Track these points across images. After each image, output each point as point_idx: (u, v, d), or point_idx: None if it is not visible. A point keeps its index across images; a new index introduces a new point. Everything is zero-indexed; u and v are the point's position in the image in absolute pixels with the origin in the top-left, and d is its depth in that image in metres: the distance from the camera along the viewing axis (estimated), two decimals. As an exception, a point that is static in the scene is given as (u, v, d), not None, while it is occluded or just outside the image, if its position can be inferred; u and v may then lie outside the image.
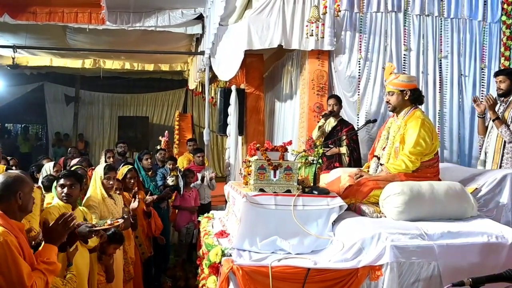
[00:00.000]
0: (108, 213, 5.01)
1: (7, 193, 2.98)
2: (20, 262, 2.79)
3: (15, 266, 2.77)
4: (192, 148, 10.33)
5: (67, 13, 11.26)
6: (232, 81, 10.19)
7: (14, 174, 3.16)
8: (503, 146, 5.61)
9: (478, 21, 7.75)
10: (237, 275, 3.52)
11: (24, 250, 2.90)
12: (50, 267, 3.00)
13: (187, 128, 16.21)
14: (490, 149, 5.80)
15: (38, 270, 2.92)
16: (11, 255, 2.76)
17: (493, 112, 5.69)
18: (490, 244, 3.84)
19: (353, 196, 4.51)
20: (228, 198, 5.07)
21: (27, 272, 2.81)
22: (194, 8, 11.02)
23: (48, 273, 2.96)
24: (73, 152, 10.11)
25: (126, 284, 5.46)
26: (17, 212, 3.03)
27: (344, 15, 7.42)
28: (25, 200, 3.04)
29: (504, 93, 5.80)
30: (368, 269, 3.65)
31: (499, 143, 5.66)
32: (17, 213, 3.03)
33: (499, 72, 6.06)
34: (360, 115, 7.54)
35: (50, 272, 2.99)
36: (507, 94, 5.78)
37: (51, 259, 3.03)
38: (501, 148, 5.63)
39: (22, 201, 3.02)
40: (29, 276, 2.82)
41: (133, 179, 6.31)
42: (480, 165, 6.00)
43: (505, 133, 5.52)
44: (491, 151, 5.76)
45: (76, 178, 4.34)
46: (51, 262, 3.02)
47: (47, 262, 2.99)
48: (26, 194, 3.06)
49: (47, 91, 20.36)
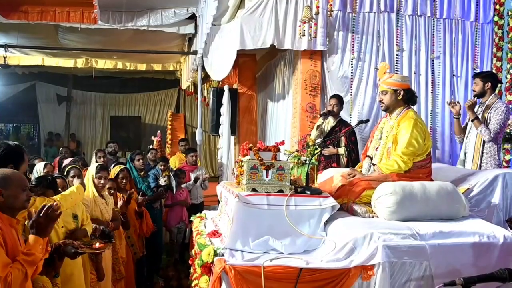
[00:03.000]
0: (99, 213, 5.01)
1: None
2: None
3: None
4: (184, 148, 10.30)
5: (59, 12, 11.23)
6: (225, 81, 10.18)
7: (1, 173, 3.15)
8: (482, 145, 5.74)
9: (470, 22, 7.79)
10: (229, 275, 3.51)
11: (7, 242, 2.89)
12: (29, 258, 2.97)
13: (180, 128, 16.19)
14: (469, 149, 5.92)
15: (17, 261, 2.91)
16: None
17: (472, 113, 5.80)
18: (481, 244, 3.85)
19: (345, 196, 4.51)
20: (221, 198, 5.06)
21: (2, 263, 2.80)
22: (186, 8, 11.00)
23: (27, 264, 2.94)
24: (65, 152, 10.08)
25: (117, 284, 5.45)
26: (4, 208, 3.03)
27: (337, 15, 7.43)
28: (8, 198, 3.04)
29: (477, 94, 5.96)
30: (360, 269, 3.65)
31: (479, 143, 5.79)
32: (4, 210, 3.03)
33: (476, 75, 6.21)
34: (352, 115, 7.56)
35: (29, 263, 2.96)
36: (480, 95, 5.94)
37: (32, 250, 3.01)
38: (480, 148, 5.76)
39: (6, 200, 3.02)
40: (4, 267, 2.81)
41: (125, 179, 6.31)
42: (460, 164, 6.12)
43: (484, 132, 5.65)
44: (471, 150, 5.88)
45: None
46: (30, 253, 3.00)
47: (26, 253, 2.98)
48: (11, 192, 3.06)
49: (39, 90, 20.28)
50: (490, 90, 5.88)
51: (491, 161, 5.68)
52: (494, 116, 5.67)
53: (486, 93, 5.88)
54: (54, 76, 19.40)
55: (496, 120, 5.64)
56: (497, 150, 5.73)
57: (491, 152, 5.70)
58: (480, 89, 5.90)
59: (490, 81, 5.88)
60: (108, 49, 14.33)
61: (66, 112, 20.51)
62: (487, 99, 5.86)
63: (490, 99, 5.84)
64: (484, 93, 5.89)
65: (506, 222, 4.65)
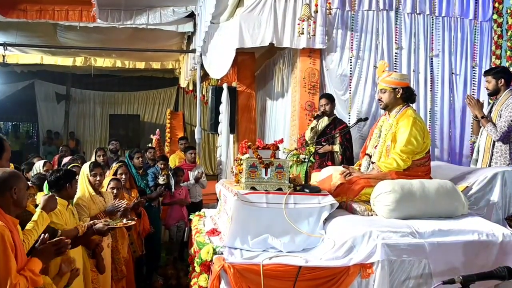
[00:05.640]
0: (98, 211, 5.01)
1: (3, 188, 3.03)
2: (10, 258, 2.82)
3: (5, 261, 2.79)
4: (183, 146, 10.31)
5: (58, 10, 11.21)
6: (224, 79, 10.19)
7: (10, 170, 3.20)
8: (492, 145, 5.60)
9: (469, 20, 7.77)
10: (228, 273, 3.52)
11: (17, 247, 2.93)
12: (35, 277, 3.02)
13: (179, 126, 16.20)
14: (481, 148, 5.80)
15: (24, 276, 2.93)
16: (3, 249, 2.79)
17: (479, 111, 5.69)
18: (480, 242, 3.85)
19: (344, 194, 4.52)
20: (220, 196, 5.06)
21: (15, 269, 2.82)
22: (185, 6, 10.97)
23: (31, 283, 2.98)
24: (65, 150, 10.11)
25: (118, 283, 5.46)
26: (12, 207, 3.06)
27: (336, 13, 7.40)
28: (20, 195, 3.09)
29: (491, 93, 5.82)
30: (359, 267, 3.65)
31: (489, 142, 5.65)
32: (11, 208, 3.06)
33: (487, 72, 6.03)
34: (351, 113, 7.54)
35: (34, 282, 3.01)
36: (494, 93, 5.79)
37: (36, 272, 3.06)
38: (490, 147, 5.62)
39: (17, 197, 3.06)
40: (16, 274, 2.83)
41: (124, 175, 6.32)
42: (473, 164, 5.98)
43: (491, 131, 5.50)
44: (482, 150, 5.76)
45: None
46: (37, 274, 3.05)
47: (33, 273, 3.02)
48: (21, 190, 3.11)
49: (38, 89, 20.27)
50: (504, 87, 5.67)
51: (501, 160, 5.51)
52: (504, 114, 5.48)
53: (500, 90, 5.69)
54: (53, 75, 19.40)
55: (505, 118, 5.44)
56: (508, 149, 5.50)
57: (502, 151, 5.52)
58: (493, 86, 5.71)
59: (503, 77, 5.67)
60: (107, 48, 14.33)
61: (65, 110, 20.51)
62: (501, 95, 5.67)
63: (504, 95, 5.63)
64: (498, 90, 5.69)
65: (505, 220, 4.66)
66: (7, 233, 2.83)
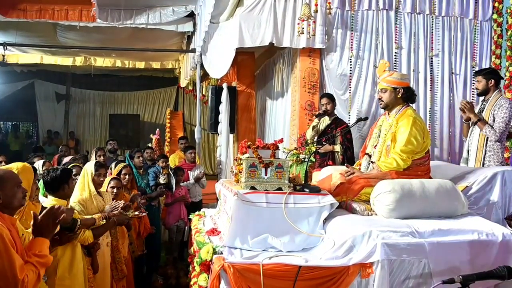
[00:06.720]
0: (97, 210, 4.99)
1: None
2: (13, 255, 2.81)
3: (8, 258, 2.79)
4: (183, 146, 10.32)
5: (58, 10, 11.22)
6: (224, 79, 10.20)
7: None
8: (485, 143, 5.68)
9: (469, 19, 7.77)
10: (228, 273, 3.51)
11: (16, 244, 2.92)
12: (42, 259, 3.01)
13: (178, 126, 16.21)
14: (472, 147, 5.86)
15: (30, 263, 2.93)
16: (4, 248, 2.78)
17: (474, 115, 5.74)
18: (480, 242, 3.85)
19: (344, 194, 4.51)
20: (219, 196, 5.05)
21: (19, 265, 2.82)
22: (185, 6, 10.98)
23: (40, 266, 2.98)
24: (65, 150, 10.12)
25: (119, 283, 5.44)
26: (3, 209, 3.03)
27: (336, 13, 7.41)
28: (6, 198, 3.04)
29: (481, 93, 5.90)
30: (359, 267, 3.65)
31: (482, 141, 5.71)
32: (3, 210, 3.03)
33: (477, 73, 6.15)
34: (351, 113, 7.54)
35: (42, 265, 3.01)
36: (484, 93, 5.87)
37: (43, 252, 3.04)
38: (483, 145, 5.69)
39: (3, 200, 3.02)
40: (22, 269, 2.83)
41: (128, 175, 6.34)
42: (463, 163, 6.06)
43: (489, 132, 5.57)
44: (474, 148, 5.81)
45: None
46: (43, 255, 3.03)
47: (39, 255, 3.00)
48: (7, 192, 3.06)
49: (37, 88, 20.28)
50: (494, 87, 5.79)
51: (494, 158, 5.61)
52: (498, 115, 5.58)
53: (490, 90, 5.79)
54: (53, 74, 19.43)
55: (501, 119, 5.53)
56: (500, 148, 5.64)
57: (494, 149, 5.62)
58: (483, 86, 5.81)
59: (493, 78, 5.79)
60: (106, 47, 14.33)
61: (65, 110, 20.53)
62: (491, 96, 5.78)
63: (494, 96, 5.75)
64: (488, 91, 5.80)
65: (505, 219, 4.66)
66: (5, 231, 2.83)
